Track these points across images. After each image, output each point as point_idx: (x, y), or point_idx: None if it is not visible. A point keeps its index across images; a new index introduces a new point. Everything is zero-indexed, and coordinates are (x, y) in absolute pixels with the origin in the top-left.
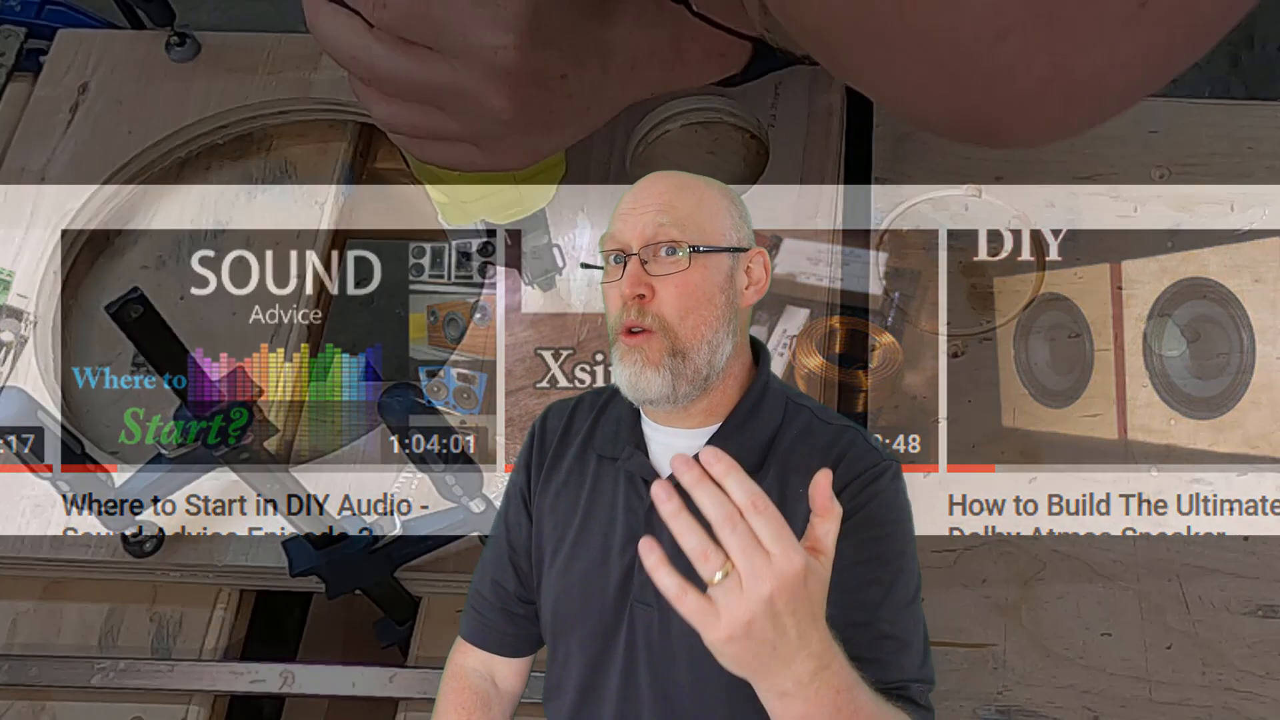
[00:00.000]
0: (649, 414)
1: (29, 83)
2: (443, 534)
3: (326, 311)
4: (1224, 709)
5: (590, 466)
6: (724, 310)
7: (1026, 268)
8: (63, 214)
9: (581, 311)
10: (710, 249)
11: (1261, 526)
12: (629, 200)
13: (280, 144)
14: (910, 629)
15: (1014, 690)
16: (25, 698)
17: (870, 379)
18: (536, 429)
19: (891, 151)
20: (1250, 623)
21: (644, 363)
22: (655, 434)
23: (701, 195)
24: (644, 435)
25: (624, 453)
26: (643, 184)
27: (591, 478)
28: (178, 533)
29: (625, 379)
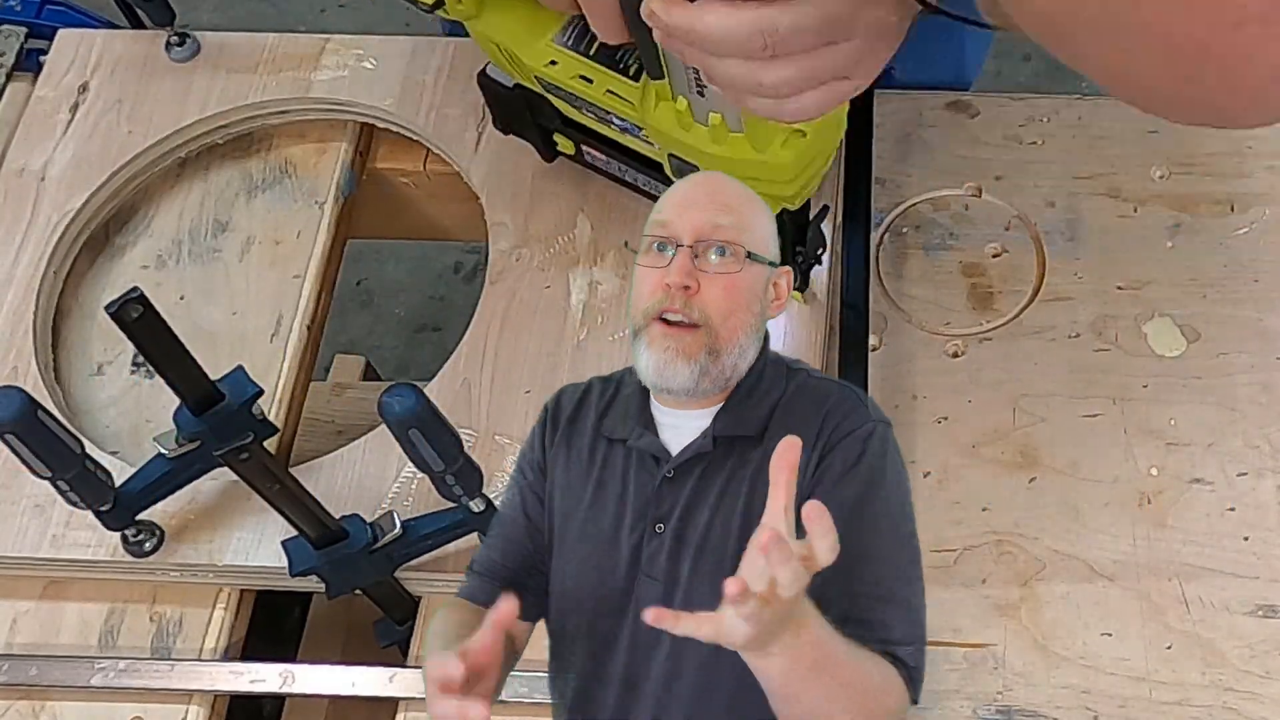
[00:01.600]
0: (659, 399)
1: (29, 83)
2: (443, 534)
3: (327, 312)
4: (1224, 709)
5: (600, 449)
6: (758, 318)
7: (1026, 268)
8: (63, 214)
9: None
10: (758, 258)
11: (1261, 526)
12: (686, 192)
13: (280, 144)
14: (902, 589)
15: (1014, 690)
16: (25, 698)
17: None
18: (550, 407)
19: (891, 151)
20: (1250, 623)
21: (677, 353)
22: (664, 417)
23: (755, 205)
24: (652, 417)
25: (633, 434)
26: (700, 179)
27: (601, 459)
28: (178, 533)
29: (652, 365)
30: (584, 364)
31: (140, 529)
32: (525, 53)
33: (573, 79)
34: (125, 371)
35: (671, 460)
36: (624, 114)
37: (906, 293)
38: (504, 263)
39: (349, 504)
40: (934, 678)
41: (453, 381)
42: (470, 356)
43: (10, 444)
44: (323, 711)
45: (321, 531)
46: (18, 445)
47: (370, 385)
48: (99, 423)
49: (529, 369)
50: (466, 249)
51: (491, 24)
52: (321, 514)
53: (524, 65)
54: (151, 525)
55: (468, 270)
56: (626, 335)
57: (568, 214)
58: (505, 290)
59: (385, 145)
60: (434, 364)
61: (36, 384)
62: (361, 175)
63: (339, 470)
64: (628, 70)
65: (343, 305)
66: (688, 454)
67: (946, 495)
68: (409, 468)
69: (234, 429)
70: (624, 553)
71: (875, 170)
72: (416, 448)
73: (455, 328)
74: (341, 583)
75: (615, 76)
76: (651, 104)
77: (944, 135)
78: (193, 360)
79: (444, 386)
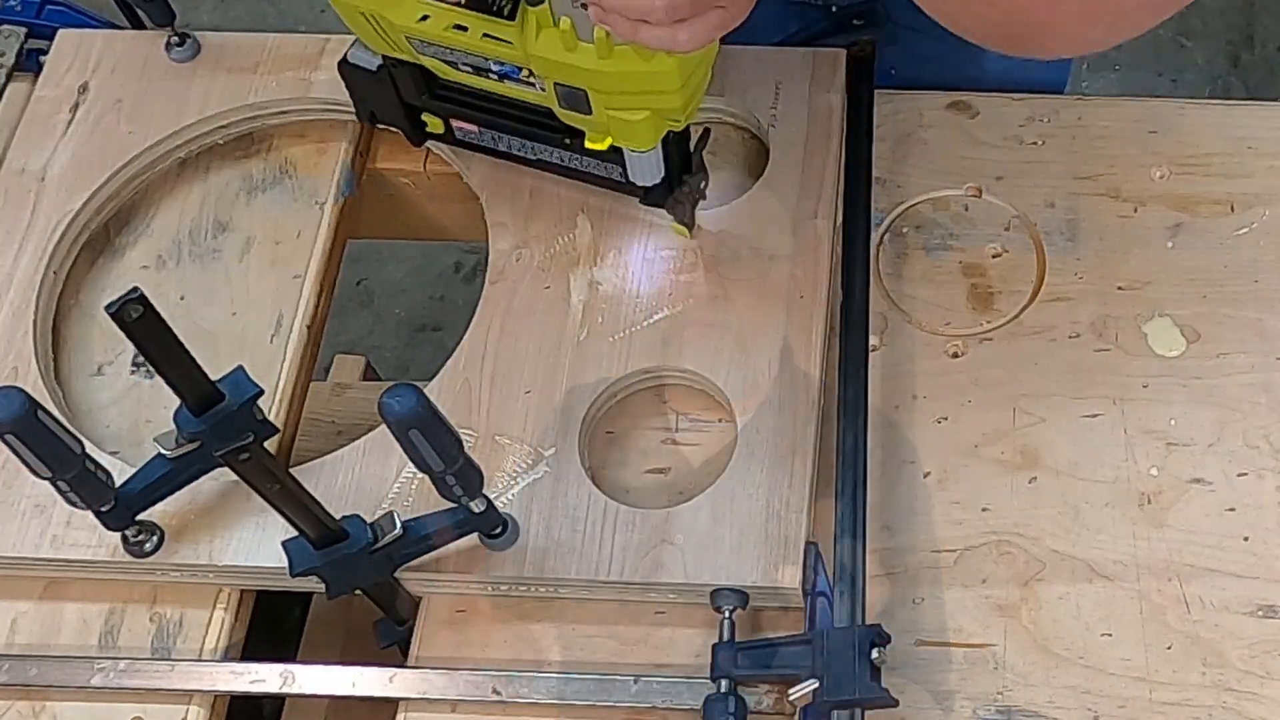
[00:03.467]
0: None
1: (29, 83)
2: (443, 534)
3: (327, 312)
4: (1224, 709)
5: None
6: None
7: (1026, 268)
8: (63, 214)
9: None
10: None
11: (1261, 526)
12: None
13: (280, 144)
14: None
15: (1014, 690)
16: (25, 698)
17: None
18: None
19: (891, 151)
20: (1250, 623)
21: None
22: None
23: None
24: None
25: None
26: None
27: None
28: (178, 533)
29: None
30: (584, 364)
31: (140, 529)
32: (394, 13)
33: (446, 30)
34: (125, 371)
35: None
36: (504, 57)
37: (906, 293)
38: (504, 263)
39: (349, 504)
40: (934, 678)
41: (453, 381)
42: (470, 356)
43: (10, 444)
44: (323, 711)
45: (321, 532)
46: (18, 445)
47: (370, 385)
48: (99, 423)
49: (529, 369)
50: (466, 249)
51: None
52: (321, 514)
53: (394, 28)
54: (151, 525)
55: (468, 270)
56: (627, 335)
57: (568, 214)
58: (505, 290)
59: (385, 145)
60: (434, 364)
61: (36, 384)
62: (361, 175)
63: (339, 470)
64: (502, 11)
65: (343, 305)
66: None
67: (946, 495)
68: (409, 468)
69: (234, 429)
70: None
71: (875, 170)
72: (416, 448)
73: (455, 328)
74: (341, 583)
75: (490, 19)
76: (533, 35)
77: (944, 135)
78: (193, 360)
79: (444, 386)
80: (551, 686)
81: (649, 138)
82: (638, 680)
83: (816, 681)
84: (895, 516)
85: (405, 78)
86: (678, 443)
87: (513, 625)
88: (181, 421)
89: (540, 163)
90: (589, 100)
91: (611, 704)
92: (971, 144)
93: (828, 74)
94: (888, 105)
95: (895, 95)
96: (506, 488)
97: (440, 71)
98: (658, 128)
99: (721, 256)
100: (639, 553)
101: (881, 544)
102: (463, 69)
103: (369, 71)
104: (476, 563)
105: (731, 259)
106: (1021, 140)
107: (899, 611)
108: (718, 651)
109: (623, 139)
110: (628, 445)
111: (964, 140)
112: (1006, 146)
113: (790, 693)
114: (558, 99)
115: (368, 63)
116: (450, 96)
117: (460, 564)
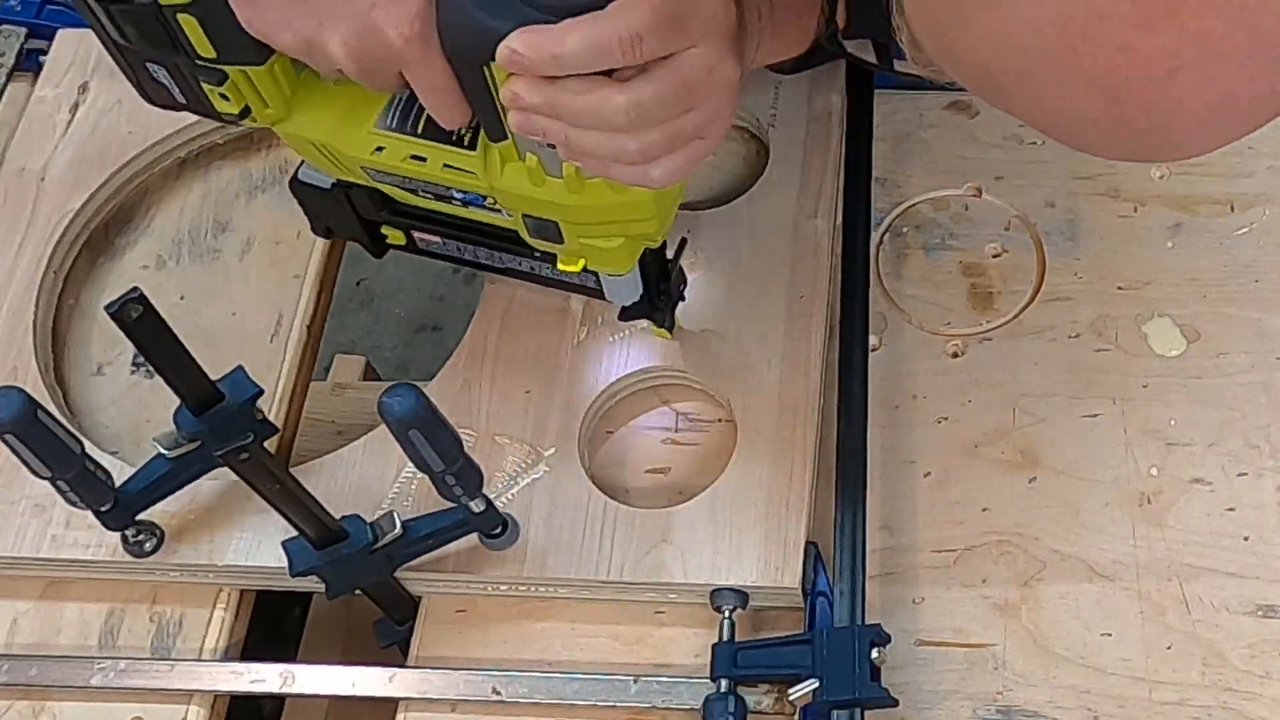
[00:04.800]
0: None
1: (29, 83)
2: (443, 534)
3: (327, 312)
4: (1224, 709)
5: None
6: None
7: (1026, 268)
8: (63, 214)
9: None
10: None
11: (1261, 526)
12: None
13: (280, 144)
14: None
15: (1014, 690)
16: (25, 698)
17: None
18: None
19: (891, 151)
20: (1250, 623)
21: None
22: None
23: None
24: None
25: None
26: None
27: None
28: (178, 533)
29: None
30: (584, 364)
31: (140, 529)
32: (347, 145)
33: (404, 161)
34: (125, 371)
35: None
36: (466, 187)
37: (906, 293)
38: None
39: (349, 504)
40: (934, 678)
41: (453, 381)
42: (470, 356)
43: (10, 444)
44: (323, 711)
45: (321, 532)
46: (18, 445)
47: (370, 385)
48: (99, 423)
49: (529, 369)
50: None
51: (305, 123)
52: (321, 514)
53: (347, 158)
54: (151, 525)
55: (468, 270)
56: (627, 335)
57: None
58: (505, 290)
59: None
60: (434, 364)
61: (36, 384)
62: None
63: (339, 470)
64: (462, 140)
65: (343, 305)
66: None
67: (946, 495)
68: (409, 468)
69: (234, 429)
70: None
71: (875, 170)
72: (416, 448)
73: (455, 328)
74: (341, 583)
75: (450, 150)
76: (497, 169)
77: (944, 135)
78: (193, 360)
79: (444, 386)
80: (551, 686)
81: (626, 261)
82: (637, 680)
83: (816, 681)
84: (895, 516)
85: (362, 197)
86: (678, 443)
87: (513, 625)
88: (181, 421)
89: (510, 271)
90: (560, 230)
91: (611, 704)
92: (971, 144)
93: (828, 74)
94: (888, 105)
95: (895, 95)
96: (506, 487)
97: (399, 197)
98: (634, 250)
99: (721, 256)
100: (639, 553)
101: (881, 544)
102: (423, 195)
103: (323, 189)
104: (476, 563)
105: (731, 259)
106: (1021, 140)
107: (899, 611)
108: (717, 651)
109: (598, 264)
110: (628, 445)
111: (964, 140)
112: (1006, 146)
113: (790, 693)
114: (527, 229)
115: (321, 181)
116: (411, 213)
117: (460, 564)
